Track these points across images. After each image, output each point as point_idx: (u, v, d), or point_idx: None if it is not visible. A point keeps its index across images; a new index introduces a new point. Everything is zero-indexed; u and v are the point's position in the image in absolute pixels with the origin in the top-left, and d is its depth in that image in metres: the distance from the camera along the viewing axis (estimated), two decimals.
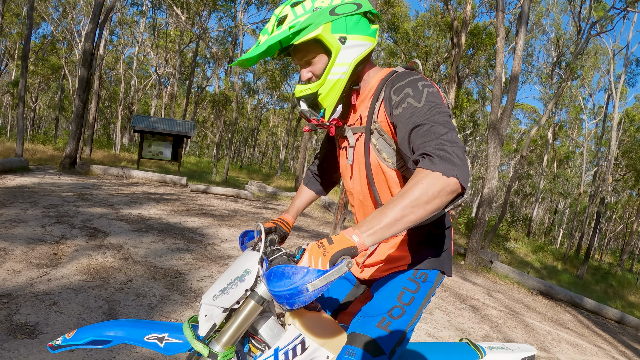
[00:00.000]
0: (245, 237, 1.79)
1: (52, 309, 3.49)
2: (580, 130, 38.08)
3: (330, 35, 1.41)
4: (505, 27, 14.51)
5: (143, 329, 1.44)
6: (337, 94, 1.47)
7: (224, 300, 1.38)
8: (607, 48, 24.40)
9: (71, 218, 6.83)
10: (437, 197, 1.14)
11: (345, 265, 1.10)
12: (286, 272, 1.14)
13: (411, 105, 1.31)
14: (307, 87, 1.48)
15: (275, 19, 1.44)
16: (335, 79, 1.45)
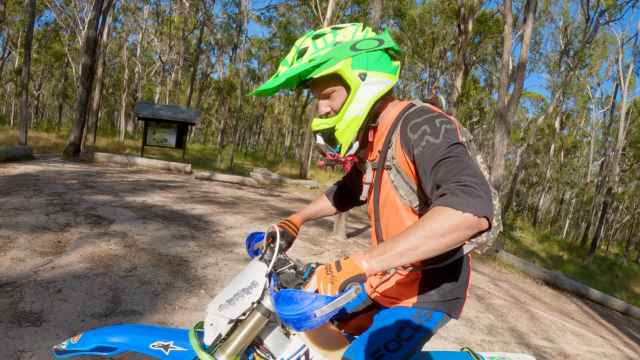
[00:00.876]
0: (252, 241, 1.77)
1: (56, 296, 3.47)
2: (587, 120, 37.81)
3: (350, 71, 1.38)
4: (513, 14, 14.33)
5: (148, 335, 1.45)
6: (354, 131, 1.45)
7: (230, 311, 1.40)
8: (616, 37, 24.10)
9: (75, 206, 6.82)
10: (454, 232, 1.11)
11: (354, 292, 1.11)
12: (295, 297, 1.14)
13: (430, 143, 1.29)
14: (325, 122, 1.46)
15: (296, 50, 1.42)
16: (353, 116, 1.43)
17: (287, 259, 1.50)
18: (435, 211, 1.13)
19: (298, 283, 1.36)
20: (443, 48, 28.75)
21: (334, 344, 1.55)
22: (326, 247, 7.30)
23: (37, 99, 38.74)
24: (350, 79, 1.39)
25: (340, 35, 1.41)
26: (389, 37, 1.46)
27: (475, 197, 1.12)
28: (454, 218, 1.10)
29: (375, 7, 8.66)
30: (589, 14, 21.27)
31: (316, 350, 1.49)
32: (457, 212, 1.10)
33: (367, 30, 1.46)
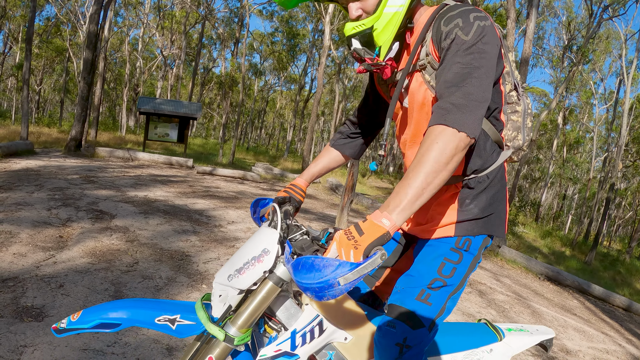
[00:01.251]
0: (257, 207, 1.70)
1: (58, 291, 3.47)
2: (590, 115, 37.73)
3: None
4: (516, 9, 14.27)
5: (153, 310, 1.37)
6: (394, 29, 1.34)
7: (240, 282, 1.31)
8: (620, 32, 24.02)
9: (77, 201, 6.82)
10: (455, 155, 1.12)
11: (379, 257, 1.05)
12: (316, 264, 1.08)
13: (459, 39, 1.22)
14: (361, 23, 1.34)
15: None
16: (392, 12, 1.32)
17: (299, 225, 1.44)
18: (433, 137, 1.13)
19: (314, 249, 1.31)
20: None
21: (348, 314, 1.50)
22: None
23: (38, 94, 38.71)
24: None
25: None
26: None
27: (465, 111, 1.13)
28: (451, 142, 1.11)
29: None
30: (593, 9, 21.19)
31: (330, 320, 1.43)
32: (453, 131, 1.12)
33: None
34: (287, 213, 1.54)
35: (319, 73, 23.01)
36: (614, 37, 29.44)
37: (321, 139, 62.12)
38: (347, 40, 1.40)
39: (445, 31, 1.26)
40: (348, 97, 43.32)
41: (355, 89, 42.72)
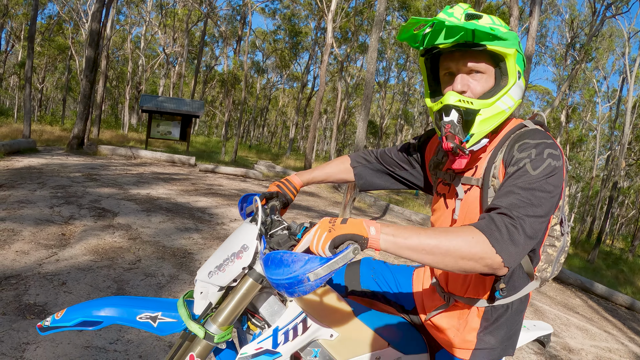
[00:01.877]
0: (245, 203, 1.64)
1: (60, 289, 3.47)
2: (593, 113, 37.65)
3: (514, 63, 1.26)
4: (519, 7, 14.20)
5: (135, 307, 1.36)
6: (493, 126, 1.29)
7: (219, 278, 1.29)
8: (623, 30, 23.98)
9: (79, 198, 6.82)
10: (473, 261, 1.06)
11: (352, 251, 1.01)
12: (285, 259, 1.06)
13: (526, 170, 1.18)
14: (469, 100, 1.26)
15: (464, 11, 1.26)
16: (501, 109, 1.27)
17: (281, 220, 1.41)
18: (471, 231, 1.08)
19: (291, 245, 1.27)
20: None
21: (334, 311, 1.46)
22: None
23: (40, 92, 38.79)
24: (511, 70, 1.26)
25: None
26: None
27: (518, 241, 1.08)
28: (483, 250, 1.06)
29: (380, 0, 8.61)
30: (596, 7, 21.11)
31: (314, 317, 1.39)
32: (491, 247, 1.06)
33: None
34: (273, 208, 1.52)
35: (321, 71, 22.99)
36: (617, 35, 29.35)
37: (324, 137, 62.11)
38: (443, 108, 1.30)
39: (517, 157, 1.22)
40: (350, 95, 43.26)
41: (357, 86, 42.67)
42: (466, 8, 1.28)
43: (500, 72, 1.27)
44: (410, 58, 36.91)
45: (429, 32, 1.25)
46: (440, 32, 1.23)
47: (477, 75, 1.28)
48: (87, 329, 1.35)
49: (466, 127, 1.28)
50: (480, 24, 1.22)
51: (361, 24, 29.99)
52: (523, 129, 1.32)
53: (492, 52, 1.24)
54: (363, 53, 35.28)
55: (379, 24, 8.67)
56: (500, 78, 1.28)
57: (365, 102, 8.63)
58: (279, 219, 1.42)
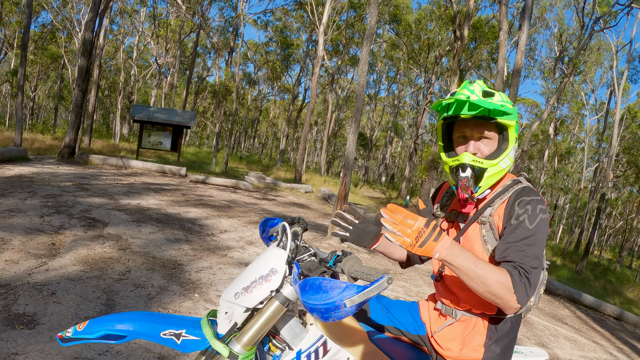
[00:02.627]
0: (267, 226, 1.72)
1: (50, 299, 3.47)
2: (581, 126, 38.05)
3: (514, 132, 1.61)
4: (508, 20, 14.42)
5: (159, 323, 1.38)
6: (495, 180, 1.61)
7: (246, 300, 1.33)
8: (611, 44, 24.25)
9: (70, 208, 6.81)
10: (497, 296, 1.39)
11: (386, 281, 1.10)
12: (324, 285, 1.11)
13: (524, 225, 1.49)
14: (481, 161, 1.59)
15: (481, 89, 1.57)
16: (503, 167, 1.60)
17: (307, 246, 1.46)
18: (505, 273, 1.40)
19: (322, 271, 1.33)
20: (438, 53, 28.87)
21: (351, 334, 1.52)
22: None
23: (32, 101, 38.62)
24: (512, 137, 1.60)
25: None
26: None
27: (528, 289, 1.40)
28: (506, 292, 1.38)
29: (372, 13, 8.71)
30: (584, 21, 21.34)
31: (334, 341, 1.45)
32: (512, 292, 1.38)
33: None
34: (295, 234, 1.57)
35: (312, 83, 23.14)
36: (605, 49, 29.70)
37: (314, 149, 62.19)
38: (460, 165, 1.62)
39: (517, 212, 1.53)
40: (341, 107, 43.45)
41: (348, 98, 42.89)
42: (482, 85, 1.59)
43: (503, 138, 1.61)
44: (401, 71, 37.18)
45: (454, 103, 1.56)
46: (464, 105, 1.54)
47: (485, 140, 1.61)
48: (111, 342, 1.36)
49: (476, 181, 1.61)
50: (494, 101, 1.54)
51: (352, 36, 30.25)
52: (519, 186, 1.62)
53: (499, 124, 1.57)
54: (354, 65, 35.51)
55: (369, 37, 8.76)
56: (502, 143, 1.61)
57: (355, 115, 8.69)
58: (304, 245, 1.47)
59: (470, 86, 1.59)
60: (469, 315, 1.68)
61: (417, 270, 8.10)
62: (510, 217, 1.53)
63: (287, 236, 1.38)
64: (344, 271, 1.28)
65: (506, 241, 1.50)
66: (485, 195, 1.64)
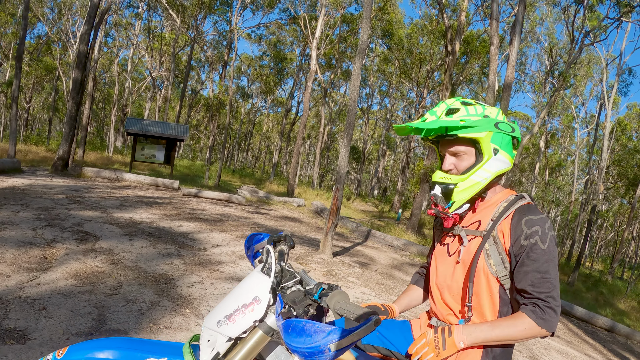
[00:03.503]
0: (252, 242, 1.66)
1: (41, 314, 3.48)
2: (572, 139, 38.38)
3: (488, 143, 1.61)
4: (499, 35, 14.62)
5: (140, 351, 1.34)
6: (471, 194, 1.64)
7: (229, 329, 1.28)
8: (601, 57, 24.54)
9: (62, 221, 6.81)
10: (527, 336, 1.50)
11: (373, 323, 1.09)
12: (307, 329, 1.08)
13: (538, 246, 1.53)
14: (449, 177, 1.65)
15: (447, 107, 1.63)
16: (476, 181, 1.62)
17: (292, 272, 1.40)
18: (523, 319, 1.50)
19: (307, 304, 1.27)
20: (430, 68, 29.12)
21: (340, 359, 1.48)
22: (312, 266, 7.33)
23: (27, 112, 38.56)
24: (485, 149, 1.61)
25: (488, 111, 1.64)
26: (518, 128, 1.68)
27: (553, 318, 1.48)
28: (533, 331, 1.49)
29: (364, 28, 8.82)
30: (574, 35, 21.55)
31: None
32: (538, 327, 1.48)
33: (504, 116, 1.68)
34: (281, 253, 1.52)
35: (305, 96, 23.27)
36: (595, 62, 30.06)
37: (307, 162, 62.30)
38: (432, 184, 1.71)
39: (526, 232, 1.54)
40: (334, 121, 43.65)
41: (341, 112, 43.09)
42: (451, 103, 1.65)
43: (478, 152, 1.63)
44: (393, 85, 37.43)
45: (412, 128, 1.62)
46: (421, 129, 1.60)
47: (461, 156, 1.66)
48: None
49: (448, 197, 1.65)
50: (453, 119, 1.59)
51: (345, 51, 30.47)
52: (522, 202, 1.63)
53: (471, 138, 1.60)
54: (346, 79, 35.72)
55: (362, 52, 8.87)
56: (480, 155, 1.63)
57: (347, 129, 8.77)
58: (290, 269, 1.41)
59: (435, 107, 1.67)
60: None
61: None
62: (519, 237, 1.55)
63: (272, 258, 1.34)
64: (330, 307, 1.22)
65: (523, 269, 1.54)
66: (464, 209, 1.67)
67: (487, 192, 1.70)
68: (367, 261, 9.32)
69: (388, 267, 9.35)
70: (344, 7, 26.42)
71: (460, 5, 19.58)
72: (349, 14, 28.32)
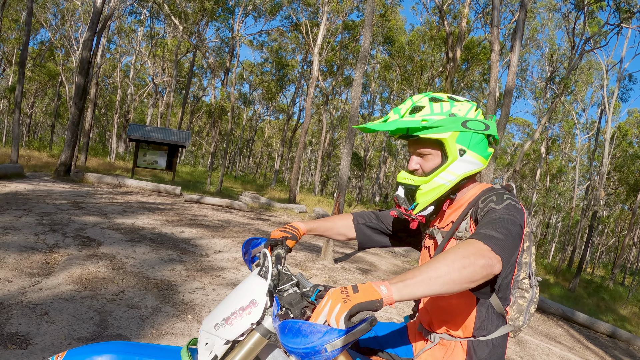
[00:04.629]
0: (249, 247, 1.66)
1: (43, 319, 3.50)
2: (573, 145, 38.36)
3: (454, 144, 1.50)
4: (500, 42, 14.67)
5: (138, 355, 1.35)
6: (435, 197, 1.54)
7: (227, 332, 1.29)
8: (601, 63, 24.53)
9: (64, 226, 6.84)
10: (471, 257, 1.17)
11: (369, 323, 1.06)
12: (303, 329, 1.07)
13: (491, 208, 1.40)
14: (412, 178, 1.56)
15: (412, 105, 1.54)
16: (440, 183, 1.53)
17: (289, 275, 1.41)
18: (464, 242, 1.24)
19: (303, 306, 1.26)
20: (431, 74, 29.22)
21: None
22: (314, 273, 7.34)
23: (29, 117, 38.71)
24: (450, 150, 1.50)
25: (456, 108, 1.54)
26: (494, 125, 1.57)
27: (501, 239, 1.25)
28: (474, 245, 1.21)
29: (365, 35, 8.87)
30: (575, 41, 21.58)
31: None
32: (479, 242, 1.23)
33: (479, 112, 1.58)
34: (278, 257, 1.51)
35: (307, 103, 23.35)
36: (596, 68, 30.03)
37: (308, 168, 62.34)
38: (396, 185, 1.63)
39: (481, 207, 1.45)
40: (335, 127, 43.70)
41: (342, 119, 43.16)
42: (417, 100, 1.56)
43: (443, 153, 1.54)
44: (394, 92, 37.52)
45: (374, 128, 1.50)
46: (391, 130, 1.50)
47: (426, 157, 1.57)
48: None
49: (412, 198, 1.57)
50: (415, 118, 1.50)
51: (346, 57, 30.57)
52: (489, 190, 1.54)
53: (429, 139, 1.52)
54: (348, 86, 35.81)
55: (363, 59, 8.91)
56: (445, 157, 1.53)
57: (349, 136, 8.79)
58: (286, 272, 1.42)
59: (401, 105, 1.58)
60: (447, 339, 1.60)
61: None
62: (477, 216, 1.46)
63: (269, 262, 1.35)
64: None
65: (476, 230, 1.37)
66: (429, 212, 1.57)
67: (459, 192, 1.61)
68: (368, 267, 9.33)
69: (389, 273, 9.36)
70: (346, 14, 26.52)
71: (461, 12, 19.67)
72: (350, 20, 28.42)
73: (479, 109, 1.59)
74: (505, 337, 1.60)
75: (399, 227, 1.94)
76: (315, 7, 27.29)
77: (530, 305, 1.63)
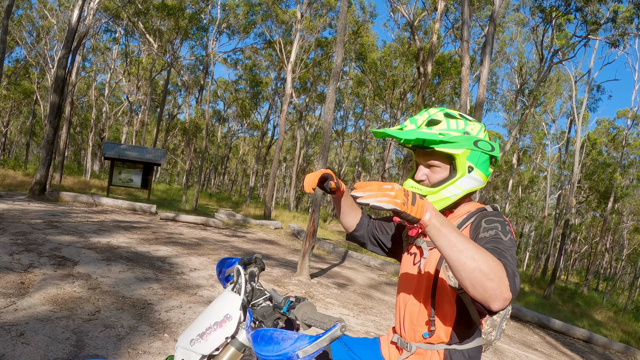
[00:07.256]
0: (223, 266, 1.70)
1: (18, 340, 3.48)
2: (544, 155, 39.11)
3: (464, 160, 1.59)
4: (470, 56, 15.03)
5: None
6: (439, 208, 1.62)
7: (202, 347, 1.31)
8: (569, 74, 25.03)
9: (40, 246, 6.76)
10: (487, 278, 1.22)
11: (339, 329, 1.09)
12: (275, 337, 1.10)
13: (498, 235, 1.44)
14: (419, 187, 1.63)
15: (428, 117, 1.61)
16: (446, 196, 1.61)
17: (262, 290, 1.44)
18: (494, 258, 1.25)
19: (276, 317, 1.30)
20: (403, 89, 29.63)
21: None
22: (290, 289, 7.37)
23: (4, 136, 37.95)
24: (460, 166, 1.59)
25: (469, 127, 1.62)
26: (498, 147, 1.68)
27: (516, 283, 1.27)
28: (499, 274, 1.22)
29: (338, 51, 9.04)
30: (543, 54, 21.94)
31: None
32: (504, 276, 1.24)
33: (487, 133, 1.68)
34: (252, 274, 1.54)
35: (280, 120, 23.46)
36: (564, 79, 30.61)
37: (283, 185, 62.28)
38: None
39: (486, 226, 1.49)
40: (309, 143, 43.87)
41: (316, 135, 43.38)
42: (433, 114, 1.62)
43: (452, 167, 1.62)
44: (367, 107, 37.92)
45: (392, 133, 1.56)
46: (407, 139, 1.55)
47: (435, 168, 1.64)
48: None
49: None
50: (432, 131, 1.57)
51: (319, 74, 30.86)
52: (486, 210, 1.63)
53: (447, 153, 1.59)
54: (321, 102, 36.06)
55: (336, 76, 9.06)
56: (454, 171, 1.62)
57: (323, 152, 8.89)
58: (259, 288, 1.45)
59: (417, 116, 1.65)
60: (424, 347, 1.64)
61: (387, 304, 8.22)
62: (478, 231, 1.50)
63: (242, 278, 1.38)
64: (297, 318, 1.24)
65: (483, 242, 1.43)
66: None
67: (457, 207, 1.69)
68: (344, 282, 9.39)
69: (366, 287, 9.43)
70: (319, 32, 26.87)
71: (431, 27, 20.13)
72: (323, 37, 28.79)
73: (487, 130, 1.70)
74: (480, 349, 1.67)
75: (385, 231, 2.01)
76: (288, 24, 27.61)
77: (503, 322, 1.74)
